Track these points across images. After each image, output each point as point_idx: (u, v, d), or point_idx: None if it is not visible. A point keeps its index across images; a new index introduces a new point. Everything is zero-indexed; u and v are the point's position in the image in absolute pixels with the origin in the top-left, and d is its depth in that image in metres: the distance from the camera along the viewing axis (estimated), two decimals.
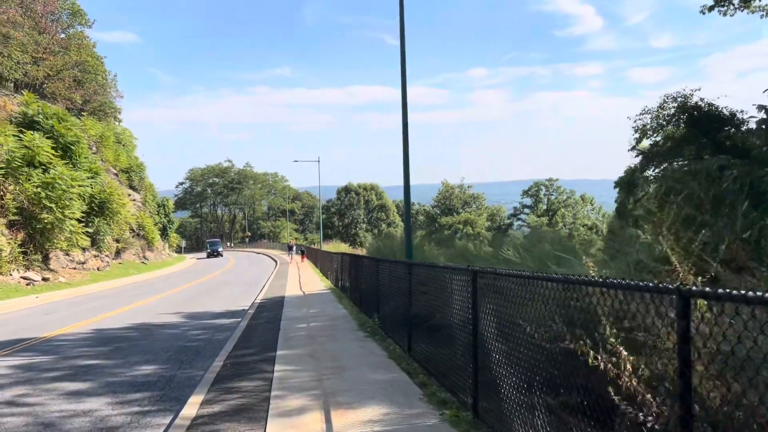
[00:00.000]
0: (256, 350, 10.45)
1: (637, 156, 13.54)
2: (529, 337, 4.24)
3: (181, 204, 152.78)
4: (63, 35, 71.46)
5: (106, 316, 18.41)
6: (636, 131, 13.65)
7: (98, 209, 41.09)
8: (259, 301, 20.12)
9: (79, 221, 35.98)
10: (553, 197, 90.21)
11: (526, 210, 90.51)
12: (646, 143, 13.58)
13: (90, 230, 37.44)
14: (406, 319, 8.71)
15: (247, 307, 18.76)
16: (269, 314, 15.87)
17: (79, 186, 35.96)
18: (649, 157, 12.68)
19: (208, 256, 77.45)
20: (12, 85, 53.37)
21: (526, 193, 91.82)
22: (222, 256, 77.20)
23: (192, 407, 6.76)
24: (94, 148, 60.77)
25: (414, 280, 8.39)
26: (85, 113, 66.96)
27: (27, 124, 37.98)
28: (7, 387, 8.76)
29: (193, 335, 13.73)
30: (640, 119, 13.57)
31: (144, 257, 59.88)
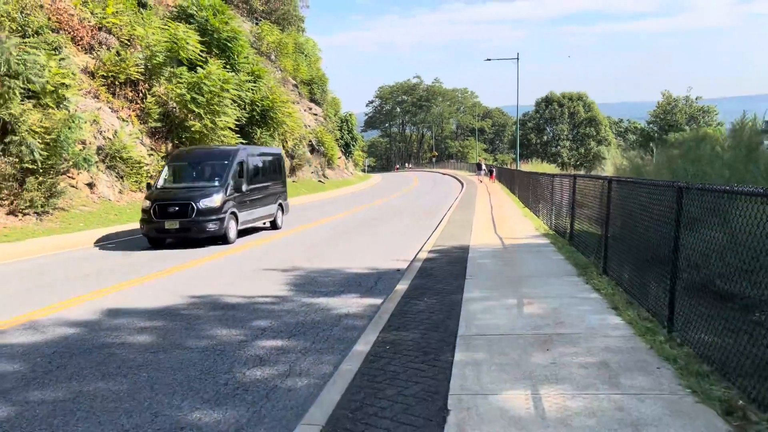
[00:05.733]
0: None
1: None
2: None
3: (371, 123, 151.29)
4: None
5: (168, 272, 11.40)
6: None
7: (260, 119, 35.54)
8: (426, 254, 11.70)
9: (235, 131, 30.50)
10: None
11: None
12: None
13: (245, 141, 31.85)
14: None
15: (404, 268, 10.51)
16: (433, 305, 7.32)
17: (234, 89, 30.15)
18: None
19: None
20: None
21: None
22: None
23: None
24: (273, 56, 56.68)
25: None
26: (267, 21, 62.80)
27: (183, 18, 32.90)
28: None
29: (224, 395, 5.73)
30: None
31: (323, 175, 55.29)
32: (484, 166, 56.02)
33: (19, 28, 20.58)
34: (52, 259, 13.12)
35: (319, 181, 52.10)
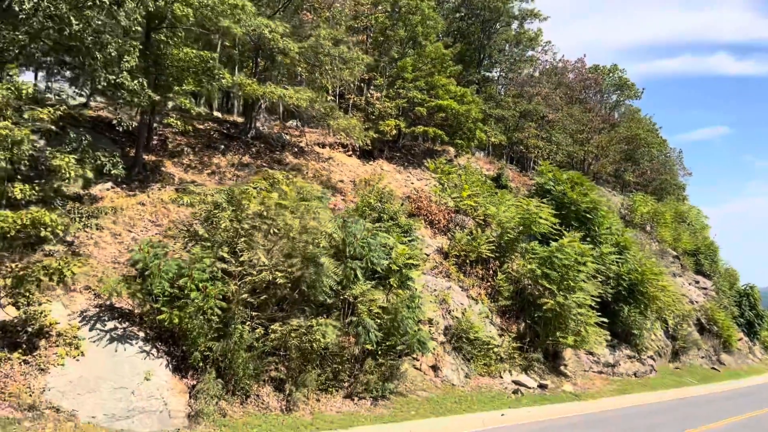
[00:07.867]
0: None
1: None
2: None
3: None
4: (616, 113, 67.35)
5: None
6: None
7: (627, 294, 31.02)
8: None
9: (595, 308, 26.84)
10: None
11: None
12: None
13: (605, 320, 27.59)
14: None
15: None
16: None
17: (592, 262, 27.13)
18: None
19: None
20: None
21: None
22: None
23: None
24: (648, 227, 52.52)
25: None
26: (640, 192, 59.76)
27: (539, 194, 32.40)
28: None
29: None
30: None
31: (717, 361, 45.48)
32: None
33: (377, 215, 22.18)
34: None
35: (713, 367, 42.66)
